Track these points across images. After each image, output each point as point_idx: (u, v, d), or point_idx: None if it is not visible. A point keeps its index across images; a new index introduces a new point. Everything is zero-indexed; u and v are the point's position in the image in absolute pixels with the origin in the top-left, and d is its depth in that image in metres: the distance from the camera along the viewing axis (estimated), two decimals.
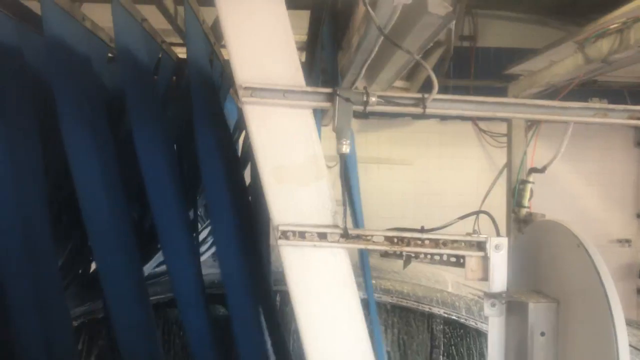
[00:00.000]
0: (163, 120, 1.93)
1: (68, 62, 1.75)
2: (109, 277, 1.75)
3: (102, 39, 2.21)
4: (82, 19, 1.97)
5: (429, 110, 1.48)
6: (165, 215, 1.83)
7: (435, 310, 2.50)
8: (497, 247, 1.44)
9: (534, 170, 4.02)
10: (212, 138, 1.84)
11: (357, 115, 1.52)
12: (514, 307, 1.44)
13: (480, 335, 2.47)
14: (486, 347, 2.41)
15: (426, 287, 2.64)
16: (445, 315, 2.49)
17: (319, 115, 2.34)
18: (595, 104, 1.51)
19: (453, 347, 2.48)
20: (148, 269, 2.54)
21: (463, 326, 2.49)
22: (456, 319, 2.49)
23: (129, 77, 1.83)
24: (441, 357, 2.48)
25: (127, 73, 1.84)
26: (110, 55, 2.34)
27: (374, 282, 2.60)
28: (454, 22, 1.68)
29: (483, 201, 4.35)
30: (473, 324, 2.48)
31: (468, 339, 2.48)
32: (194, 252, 1.96)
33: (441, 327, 2.50)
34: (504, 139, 4.97)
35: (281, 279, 1.57)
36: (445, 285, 2.78)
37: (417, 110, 1.48)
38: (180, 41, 3.01)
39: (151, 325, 1.91)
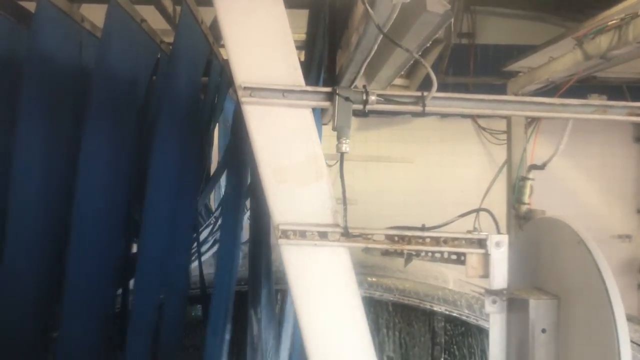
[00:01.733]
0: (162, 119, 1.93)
1: (65, 65, 1.75)
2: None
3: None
4: (81, 20, 1.97)
5: (428, 109, 1.48)
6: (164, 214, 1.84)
7: (437, 307, 2.51)
8: (497, 244, 1.44)
9: (533, 166, 4.04)
10: (172, 136, 1.87)
11: (357, 113, 1.52)
12: (515, 304, 1.44)
13: (481, 333, 2.48)
14: (487, 344, 2.42)
15: (428, 285, 2.64)
16: (447, 312, 2.50)
17: (319, 114, 2.34)
18: (595, 100, 1.52)
19: (454, 344, 2.49)
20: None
21: (465, 323, 2.49)
22: (457, 316, 2.49)
23: (128, 77, 1.83)
24: (443, 354, 2.48)
25: (126, 74, 1.84)
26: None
27: (375, 279, 2.60)
28: (452, 19, 1.68)
29: (483, 198, 4.35)
30: (474, 321, 2.48)
31: (469, 336, 2.48)
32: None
33: (442, 324, 2.50)
34: (504, 136, 4.97)
35: (282, 278, 1.58)
36: (447, 282, 2.78)
37: (417, 108, 1.48)
38: None
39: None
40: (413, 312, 2.54)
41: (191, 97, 2.10)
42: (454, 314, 2.49)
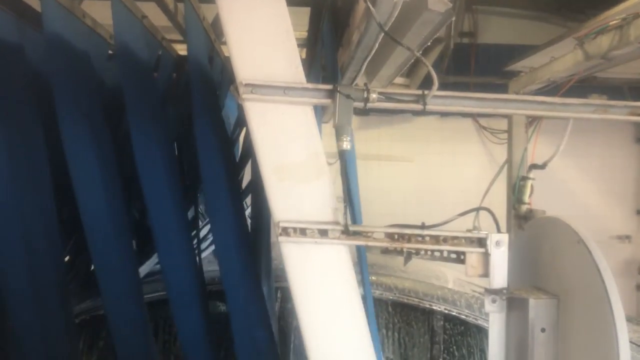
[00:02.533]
0: (162, 118, 1.93)
1: (67, 60, 1.75)
2: (105, 275, 1.75)
3: (102, 36, 2.21)
4: (82, 16, 1.97)
5: (429, 107, 1.48)
6: (160, 213, 1.83)
7: (436, 306, 2.51)
8: (497, 243, 1.44)
9: (534, 166, 4.04)
10: (212, 135, 1.85)
11: (358, 112, 1.53)
12: (514, 304, 1.44)
13: (480, 332, 2.48)
14: (486, 343, 2.42)
15: (427, 284, 2.64)
16: (446, 311, 2.50)
17: (320, 112, 2.34)
18: (596, 100, 1.52)
19: (454, 344, 2.49)
20: (150, 265, 2.55)
21: (464, 322, 2.49)
22: (457, 315, 2.49)
23: (128, 74, 1.83)
24: (442, 353, 2.49)
25: (126, 70, 1.84)
26: (110, 52, 2.34)
27: (374, 278, 2.60)
28: (453, 18, 1.68)
29: (483, 198, 4.34)
30: (474, 320, 2.48)
31: (469, 336, 2.49)
32: (189, 251, 1.95)
33: (442, 323, 2.50)
34: (504, 136, 4.97)
35: (282, 276, 1.57)
36: (447, 282, 2.79)
37: (418, 107, 1.48)
38: (181, 38, 3.01)
39: (146, 324, 1.91)
40: (412, 311, 2.54)
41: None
42: (453, 313, 2.50)
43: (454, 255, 1.50)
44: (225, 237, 1.84)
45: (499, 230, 1.50)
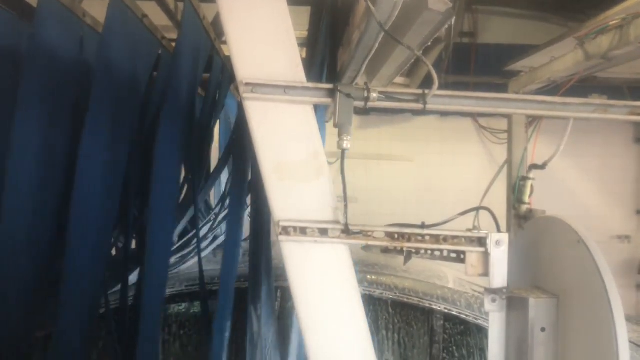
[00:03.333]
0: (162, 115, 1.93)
1: (65, 59, 1.74)
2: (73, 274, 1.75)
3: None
4: (82, 15, 1.97)
5: (429, 107, 1.48)
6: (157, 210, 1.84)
7: (436, 306, 2.51)
8: (497, 243, 1.44)
9: (534, 166, 4.03)
10: (175, 134, 1.86)
11: (358, 111, 1.53)
12: (514, 303, 1.44)
13: (480, 332, 2.48)
14: (486, 343, 2.43)
15: (427, 284, 2.64)
16: (446, 311, 2.50)
17: (323, 111, 2.34)
18: (596, 100, 1.52)
19: (453, 343, 2.49)
20: None
21: (464, 322, 2.49)
22: (457, 315, 2.49)
23: (128, 73, 1.83)
24: (441, 353, 2.49)
25: (124, 69, 1.84)
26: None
27: (374, 277, 2.60)
28: (454, 18, 1.68)
29: (483, 198, 4.34)
30: (474, 320, 2.48)
31: (468, 335, 2.49)
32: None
33: (442, 322, 2.50)
34: (504, 136, 4.97)
35: (282, 275, 1.57)
36: (447, 282, 2.79)
37: (418, 106, 1.48)
38: None
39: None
40: (412, 310, 2.55)
41: (192, 94, 2.09)
42: (453, 313, 2.50)
43: (454, 255, 1.50)
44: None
45: (499, 230, 1.51)
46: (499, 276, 1.44)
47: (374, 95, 1.45)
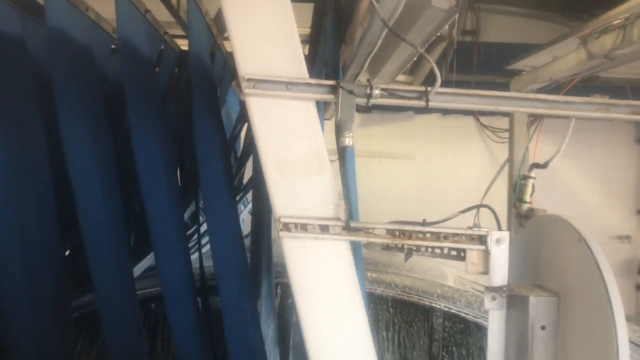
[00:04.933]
0: (162, 114, 1.93)
1: (69, 53, 1.74)
2: (98, 271, 1.75)
3: (105, 30, 2.20)
4: (85, 10, 1.97)
5: (431, 104, 1.48)
6: (157, 209, 1.83)
7: (436, 304, 2.51)
8: (498, 241, 1.44)
9: (535, 165, 4.04)
10: (211, 134, 1.84)
11: (360, 109, 1.52)
12: (514, 301, 1.44)
13: (480, 330, 2.48)
14: (485, 341, 2.43)
15: (427, 282, 2.64)
16: (446, 309, 2.50)
17: (322, 109, 2.34)
18: (598, 99, 1.52)
19: (453, 341, 2.49)
20: (150, 260, 2.55)
21: (463, 320, 2.50)
22: (456, 313, 2.49)
23: (130, 69, 1.83)
24: (441, 351, 2.49)
25: (128, 65, 1.83)
26: (113, 46, 2.33)
27: (375, 275, 2.60)
28: (456, 15, 1.68)
29: (484, 196, 4.35)
30: (473, 318, 2.49)
31: (468, 334, 2.49)
32: (184, 249, 1.95)
33: (441, 321, 2.51)
34: (506, 135, 4.97)
35: (282, 272, 1.57)
36: (447, 279, 2.79)
37: (420, 103, 1.48)
38: (183, 33, 3.01)
39: (138, 322, 1.91)
40: (412, 308, 2.55)
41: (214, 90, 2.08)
42: (453, 311, 2.50)
43: (454, 253, 1.50)
44: (221, 235, 1.84)
45: (499, 228, 1.50)
46: (499, 274, 1.43)
47: (377, 92, 1.45)
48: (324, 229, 1.46)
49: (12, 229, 1.68)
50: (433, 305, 2.52)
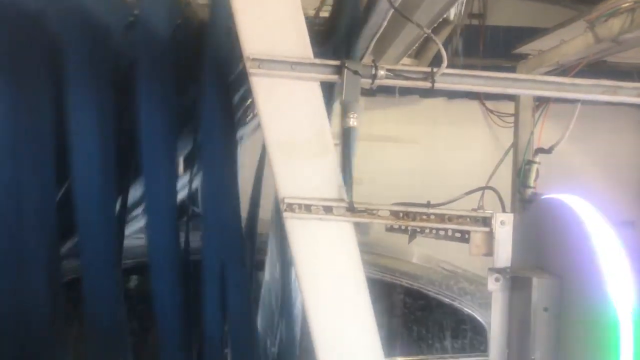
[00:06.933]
0: (172, 92, 1.91)
1: (84, 24, 1.73)
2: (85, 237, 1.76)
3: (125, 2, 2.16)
4: None
5: (437, 85, 1.47)
6: (157, 189, 1.83)
7: (398, 281, 2.51)
8: (502, 223, 1.44)
9: (540, 150, 4.02)
10: (219, 114, 1.84)
11: (364, 92, 1.51)
12: (517, 283, 1.45)
13: (441, 307, 2.49)
14: (445, 318, 2.44)
15: (389, 258, 2.64)
16: (408, 286, 2.51)
17: (327, 93, 2.32)
18: (605, 81, 1.50)
19: (415, 318, 2.50)
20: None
21: (425, 297, 2.50)
22: (417, 289, 2.50)
23: (144, 44, 1.81)
24: (402, 327, 2.50)
25: (142, 39, 1.81)
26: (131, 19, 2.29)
27: None
28: None
29: (489, 181, 4.34)
30: (435, 295, 2.49)
31: (429, 310, 2.50)
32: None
33: (401, 297, 2.51)
34: (511, 119, 4.94)
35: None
36: (412, 257, 2.79)
37: (426, 84, 1.47)
38: None
39: (119, 293, 1.91)
40: (373, 285, 2.55)
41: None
42: (414, 288, 2.50)
43: (458, 234, 1.51)
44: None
45: (504, 210, 1.51)
46: (503, 256, 1.44)
47: (382, 72, 1.44)
48: (328, 210, 1.46)
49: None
50: (394, 282, 2.52)
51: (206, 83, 1.80)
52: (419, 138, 6.46)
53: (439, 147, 6.49)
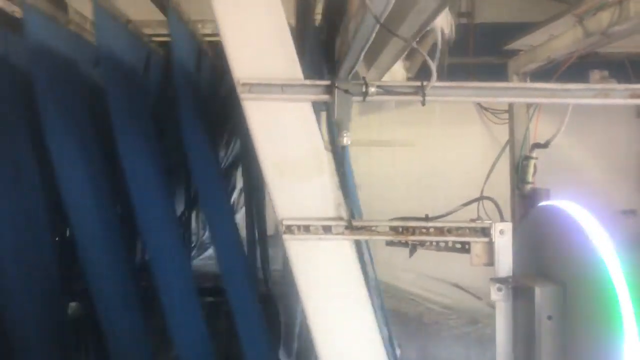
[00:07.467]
0: (148, 121, 1.93)
1: (51, 67, 1.74)
2: (94, 278, 1.78)
3: (89, 42, 2.18)
4: (66, 23, 1.95)
5: (428, 98, 1.47)
6: (147, 211, 1.84)
7: None
8: (501, 232, 1.44)
9: (537, 145, 4.01)
10: (200, 139, 1.86)
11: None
12: (520, 292, 1.44)
13: None
14: None
15: None
16: None
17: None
18: (597, 85, 1.51)
19: None
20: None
21: None
22: None
23: (112, 80, 1.83)
24: None
25: (110, 76, 1.84)
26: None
27: None
28: (448, 7, 1.66)
29: (487, 179, 4.32)
30: None
31: None
32: (180, 253, 1.98)
33: None
34: (506, 116, 4.93)
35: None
36: None
37: (417, 98, 1.47)
38: None
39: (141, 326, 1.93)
40: None
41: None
42: None
43: (458, 245, 1.50)
44: (224, 238, 1.87)
45: (502, 219, 1.50)
46: (504, 265, 1.44)
47: (372, 89, 1.44)
48: (327, 229, 1.46)
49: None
50: None
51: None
52: (414, 140, 6.45)
53: (435, 148, 6.49)
